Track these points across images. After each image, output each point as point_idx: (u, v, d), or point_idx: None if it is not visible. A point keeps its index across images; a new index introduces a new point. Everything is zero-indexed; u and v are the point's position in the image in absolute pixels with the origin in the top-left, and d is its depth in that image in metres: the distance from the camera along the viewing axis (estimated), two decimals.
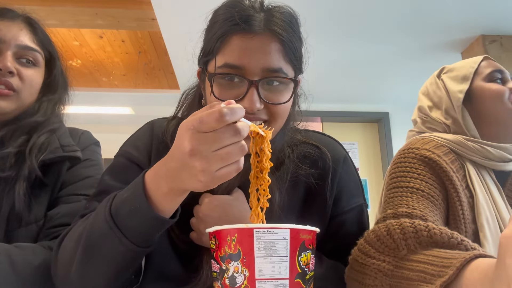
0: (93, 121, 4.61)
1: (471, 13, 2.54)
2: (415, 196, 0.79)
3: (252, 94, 0.66)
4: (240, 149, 0.51)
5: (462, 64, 1.05)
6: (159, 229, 0.60)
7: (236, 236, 0.51)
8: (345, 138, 4.17)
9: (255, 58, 0.67)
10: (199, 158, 0.50)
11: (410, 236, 0.59)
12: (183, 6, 2.47)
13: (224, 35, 0.68)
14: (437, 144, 0.92)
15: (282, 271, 0.50)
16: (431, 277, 0.50)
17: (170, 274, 0.74)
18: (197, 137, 0.49)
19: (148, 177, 0.58)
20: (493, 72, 1.00)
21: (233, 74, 0.67)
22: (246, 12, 0.69)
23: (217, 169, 0.51)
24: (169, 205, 0.58)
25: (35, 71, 0.88)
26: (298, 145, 0.81)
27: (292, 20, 0.73)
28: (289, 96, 0.71)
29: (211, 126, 0.49)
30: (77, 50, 3.70)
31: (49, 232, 0.80)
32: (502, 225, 0.81)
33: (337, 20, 2.64)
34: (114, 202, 0.61)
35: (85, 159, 0.92)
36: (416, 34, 2.80)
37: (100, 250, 0.60)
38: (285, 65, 0.69)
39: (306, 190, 0.79)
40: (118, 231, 0.58)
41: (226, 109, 0.49)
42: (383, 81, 3.62)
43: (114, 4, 2.97)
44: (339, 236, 0.78)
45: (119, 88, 4.36)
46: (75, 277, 0.62)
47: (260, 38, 0.67)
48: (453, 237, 0.57)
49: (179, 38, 2.84)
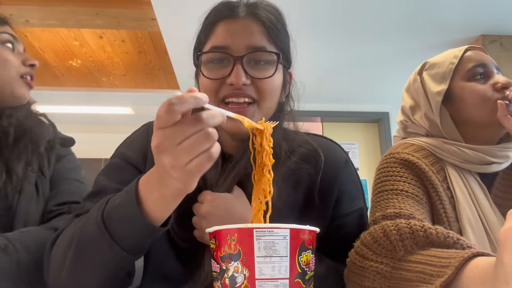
0: (93, 121, 4.61)
1: (471, 13, 2.54)
2: (400, 197, 0.81)
3: (238, 69, 0.69)
4: (204, 137, 0.48)
5: (443, 59, 0.99)
6: (149, 236, 0.59)
7: (236, 236, 0.51)
8: (345, 138, 4.17)
9: (239, 37, 0.71)
10: (166, 155, 0.49)
11: (406, 236, 0.59)
12: (183, 6, 2.47)
13: (211, 23, 0.74)
14: (417, 148, 0.93)
15: (282, 271, 0.50)
16: (430, 277, 0.50)
17: (170, 274, 0.74)
18: (160, 134, 0.48)
19: (141, 183, 0.58)
20: (473, 68, 0.93)
21: (220, 53, 0.71)
22: (232, 5, 0.75)
23: (187, 163, 0.48)
24: (160, 212, 0.57)
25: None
26: (299, 147, 0.81)
27: (275, 11, 0.78)
28: (273, 71, 0.73)
29: (165, 119, 0.47)
30: (77, 50, 3.69)
31: (55, 209, 0.87)
32: (487, 226, 0.81)
33: (337, 20, 2.64)
34: (107, 206, 0.60)
35: (68, 154, 1.00)
36: (416, 34, 2.80)
37: (90, 254, 0.60)
38: (268, 45, 0.73)
39: (307, 192, 0.79)
40: (109, 237, 0.57)
41: (174, 99, 0.47)
42: (383, 81, 3.62)
43: (114, 4, 2.97)
44: (339, 238, 0.78)
45: (119, 88, 4.35)
46: (66, 279, 0.62)
47: (243, 21, 0.73)
48: (449, 236, 0.57)
49: (179, 38, 2.84)
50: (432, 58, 1.04)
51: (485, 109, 0.89)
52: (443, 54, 1.01)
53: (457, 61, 0.95)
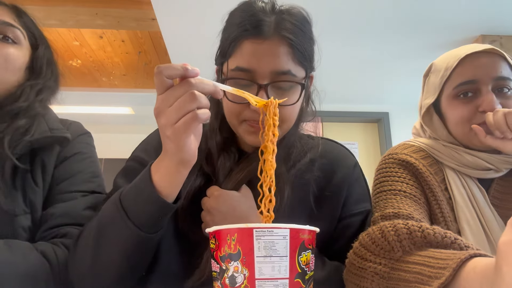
0: (93, 121, 4.61)
1: (471, 13, 2.54)
2: (399, 197, 0.81)
3: (262, 96, 0.69)
4: (190, 98, 0.54)
5: (441, 65, 0.92)
6: (161, 213, 0.63)
7: (236, 235, 0.51)
8: (345, 138, 4.17)
9: (264, 61, 0.70)
10: (161, 115, 0.56)
11: (404, 237, 0.60)
12: (183, 6, 2.47)
13: (236, 40, 0.72)
14: (416, 149, 0.93)
15: (282, 271, 0.50)
16: (428, 278, 0.50)
17: (176, 269, 0.74)
18: (158, 99, 0.56)
19: (152, 165, 0.64)
20: (459, 86, 0.86)
21: (243, 79, 0.71)
22: (257, 17, 0.72)
23: (175, 121, 0.55)
24: (168, 185, 0.62)
25: (15, 48, 0.84)
26: (312, 150, 0.83)
27: (303, 21, 0.75)
28: (297, 98, 0.73)
29: (155, 83, 0.55)
30: (77, 50, 3.70)
31: (46, 234, 0.78)
32: (487, 227, 0.81)
33: (337, 21, 2.64)
34: (125, 189, 0.66)
35: (76, 152, 0.88)
36: (416, 34, 2.80)
37: (109, 235, 0.64)
38: (294, 67, 0.72)
39: (318, 193, 0.80)
40: (124, 215, 0.62)
41: (163, 65, 0.54)
42: (383, 81, 3.62)
43: (114, 4, 2.98)
44: (344, 238, 0.79)
45: (119, 88, 4.36)
46: (88, 265, 0.65)
47: (269, 42, 0.70)
48: (447, 236, 0.57)
49: (179, 38, 2.85)
50: (439, 57, 0.97)
51: (463, 131, 0.87)
52: (445, 57, 0.94)
53: (448, 73, 0.88)
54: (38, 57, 0.90)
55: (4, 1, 0.87)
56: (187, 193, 0.74)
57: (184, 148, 0.57)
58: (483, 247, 0.79)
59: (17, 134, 0.78)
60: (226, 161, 0.78)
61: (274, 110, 0.65)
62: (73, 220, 0.79)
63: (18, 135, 0.78)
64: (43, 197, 0.82)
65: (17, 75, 0.85)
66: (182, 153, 0.58)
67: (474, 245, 0.56)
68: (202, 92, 0.55)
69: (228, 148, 0.80)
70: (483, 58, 0.85)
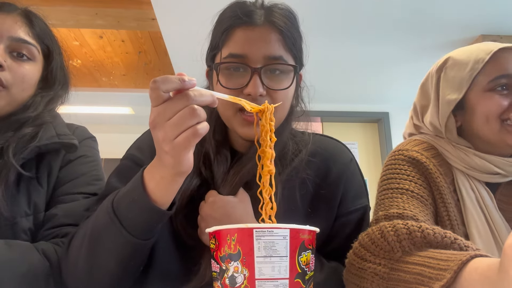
0: (93, 121, 4.61)
1: (471, 13, 2.54)
2: (405, 197, 0.79)
3: (255, 80, 0.70)
4: (190, 113, 0.52)
5: (466, 59, 0.86)
6: (156, 221, 0.62)
7: (236, 236, 0.51)
8: (345, 138, 4.17)
9: (257, 47, 0.71)
10: (158, 129, 0.54)
11: (404, 237, 0.59)
12: (183, 6, 2.47)
13: (228, 29, 0.74)
14: (428, 146, 0.90)
15: (282, 271, 0.50)
16: (429, 280, 0.50)
17: (173, 272, 0.74)
18: (154, 111, 0.54)
19: (145, 171, 0.62)
20: (497, 79, 0.82)
21: (237, 63, 0.72)
22: (248, 9, 0.75)
23: (175, 137, 0.53)
24: (163, 194, 0.60)
25: (30, 65, 0.84)
26: (306, 146, 0.82)
27: (291, 16, 0.78)
28: (289, 83, 0.74)
29: (151, 97, 0.53)
30: (77, 50, 3.70)
31: (48, 233, 0.78)
32: (495, 230, 0.80)
33: (337, 20, 2.64)
34: (117, 196, 0.64)
35: (81, 155, 0.89)
36: (416, 34, 2.80)
37: (103, 242, 0.63)
38: (285, 54, 0.73)
39: (313, 191, 0.80)
40: (118, 223, 0.61)
41: (159, 78, 0.52)
42: (383, 81, 3.62)
43: (114, 4, 2.98)
44: (342, 236, 0.79)
45: (119, 88, 4.36)
46: (82, 270, 0.65)
47: (260, 29, 0.72)
48: (446, 236, 0.57)
49: (179, 38, 2.84)
50: (455, 52, 0.91)
51: (495, 127, 0.82)
52: (468, 51, 0.88)
53: (480, 67, 0.83)
54: (52, 69, 0.91)
55: (15, 4, 0.87)
56: (183, 194, 0.73)
57: (183, 163, 0.56)
58: (492, 251, 0.78)
59: (22, 142, 0.79)
60: (220, 164, 0.78)
61: (270, 116, 0.64)
62: (74, 220, 0.79)
63: (23, 142, 0.79)
64: (46, 198, 0.83)
65: (31, 90, 0.87)
66: (180, 167, 0.56)
67: (474, 246, 0.56)
68: (200, 105, 0.53)
69: (220, 150, 0.80)
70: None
